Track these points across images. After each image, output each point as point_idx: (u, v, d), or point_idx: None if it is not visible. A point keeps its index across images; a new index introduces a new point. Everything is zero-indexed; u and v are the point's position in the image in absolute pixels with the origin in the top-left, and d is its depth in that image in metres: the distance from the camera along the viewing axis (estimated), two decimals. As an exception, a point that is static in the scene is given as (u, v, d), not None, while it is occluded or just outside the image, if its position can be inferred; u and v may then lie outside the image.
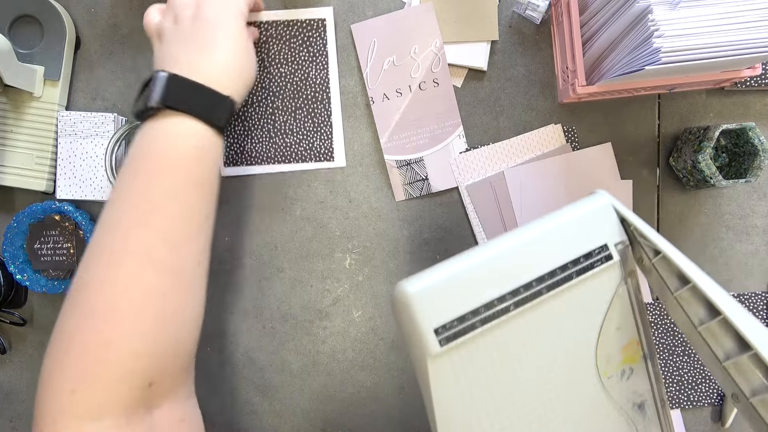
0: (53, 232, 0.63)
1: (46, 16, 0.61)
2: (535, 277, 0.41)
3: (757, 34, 0.45)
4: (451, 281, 0.40)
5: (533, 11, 0.60)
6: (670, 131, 0.63)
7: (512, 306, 0.40)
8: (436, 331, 0.39)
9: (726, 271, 0.63)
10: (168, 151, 0.45)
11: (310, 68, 0.63)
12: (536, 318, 0.42)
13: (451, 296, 0.40)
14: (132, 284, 0.40)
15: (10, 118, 0.62)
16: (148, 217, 0.42)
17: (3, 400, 0.65)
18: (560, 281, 0.41)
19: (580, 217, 0.43)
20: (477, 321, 0.40)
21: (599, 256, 0.42)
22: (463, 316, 0.39)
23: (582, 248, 0.42)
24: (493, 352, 0.41)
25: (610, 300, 0.43)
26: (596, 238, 0.42)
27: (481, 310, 0.40)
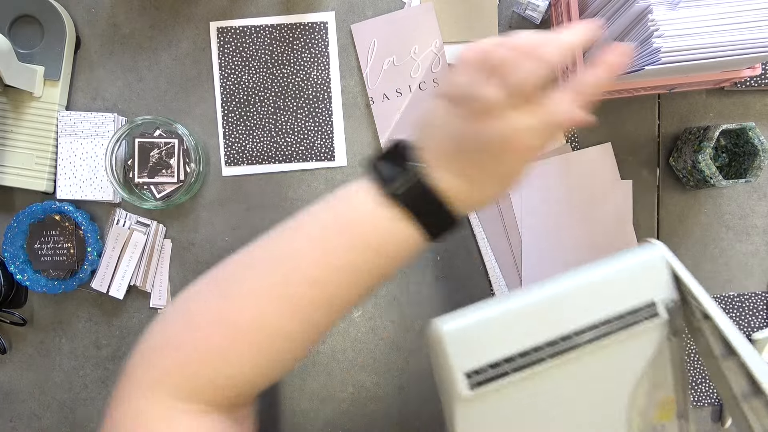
0: (53, 232, 0.63)
1: (46, 16, 0.61)
2: (575, 329, 0.39)
3: (757, 34, 0.45)
4: (489, 324, 0.39)
5: (533, 11, 0.60)
6: (670, 131, 0.63)
7: (548, 357, 0.39)
8: (468, 374, 0.38)
9: (726, 271, 0.63)
10: (364, 228, 0.39)
11: (312, 69, 0.63)
12: (571, 370, 0.40)
13: (486, 340, 0.39)
14: (272, 323, 0.39)
15: (10, 118, 0.62)
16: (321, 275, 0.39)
17: (3, 400, 0.65)
18: (601, 335, 0.39)
19: (631, 268, 0.40)
20: (510, 368, 0.38)
21: (645, 313, 0.40)
22: (496, 362, 0.38)
23: (628, 303, 0.40)
24: (523, 401, 0.40)
25: (651, 357, 0.41)
26: (644, 294, 0.40)
27: (516, 357, 0.38)
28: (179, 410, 0.38)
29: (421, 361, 0.63)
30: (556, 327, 0.39)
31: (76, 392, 0.65)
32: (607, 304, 0.40)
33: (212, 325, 0.39)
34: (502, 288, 0.63)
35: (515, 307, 0.40)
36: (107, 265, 0.63)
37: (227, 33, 0.63)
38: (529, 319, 0.39)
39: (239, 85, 0.63)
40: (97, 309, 0.65)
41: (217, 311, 0.39)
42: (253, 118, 0.63)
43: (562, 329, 0.39)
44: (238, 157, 0.63)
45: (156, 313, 0.64)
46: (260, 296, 0.39)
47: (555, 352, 0.39)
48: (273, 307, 0.39)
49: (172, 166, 0.61)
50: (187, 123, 0.64)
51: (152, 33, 0.64)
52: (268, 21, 0.63)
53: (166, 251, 0.64)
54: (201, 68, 0.64)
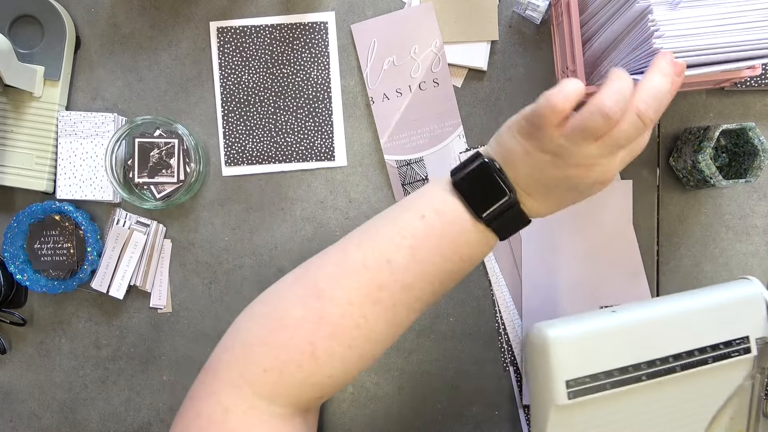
0: (53, 232, 0.63)
1: (46, 16, 0.61)
2: (673, 353, 0.41)
3: (757, 34, 0.45)
4: (593, 337, 0.41)
5: (533, 11, 0.60)
6: (670, 131, 0.63)
7: (645, 376, 0.41)
8: (568, 383, 0.40)
9: (726, 271, 0.63)
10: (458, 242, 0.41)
11: (312, 69, 0.63)
12: (662, 391, 0.42)
13: (589, 352, 0.40)
14: (365, 324, 0.40)
15: (10, 118, 0.62)
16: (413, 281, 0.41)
17: (3, 400, 0.65)
18: (696, 363, 0.41)
19: (730, 302, 0.42)
20: (608, 383, 0.40)
21: (738, 347, 0.42)
22: (596, 374, 0.40)
23: (724, 335, 0.42)
24: (611, 415, 0.41)
25: (734, 390, 0.43)
26: (740, 328, 0.42)
27: (615, 373, 0.40)
28: (261, 411, 0.38)
29: (421, 361, 0.63)
30: (656, 349, 0.41)
31: (76, 392, 0.65)
32: (705, 333, 0.42)
33: (307, 324, 0.39)
34: (502, 287, 0.63)
35: (620, 323, 0.42)
36: (107, 265, 0.63)
37: (227, 33, 0.63)
38: (632, 337, 0.41)
39: (239, 85, 0.63)
40: (97, 309, 0.65)
41: (311, 311, 0.39)
42: (253, 118, 0.63)
43: (661, 352, 0.41)
44: (238, 157, 0.63)
45: (156, 313, 0.64)
46: (358, 299, 0.40)
47: (652, 372, 0.41)
48: (369, 309, 0.40)
49: (172, 166, 0.61)
50: (187, 123, 0.64)
51: (152, 33, 0.64)
52: (268, 21, 0.63)
53: (166, 251, 0.64)
54: (201, 68, 0.64)
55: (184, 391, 0.64)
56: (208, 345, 0.63)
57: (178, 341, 0.64)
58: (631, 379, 0.41)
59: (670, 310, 0.42)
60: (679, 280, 0.63)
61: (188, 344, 0.64)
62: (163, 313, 0.64)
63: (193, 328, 0.64)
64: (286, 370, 0.39)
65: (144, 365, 0.64)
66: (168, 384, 0.64)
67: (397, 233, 0.41)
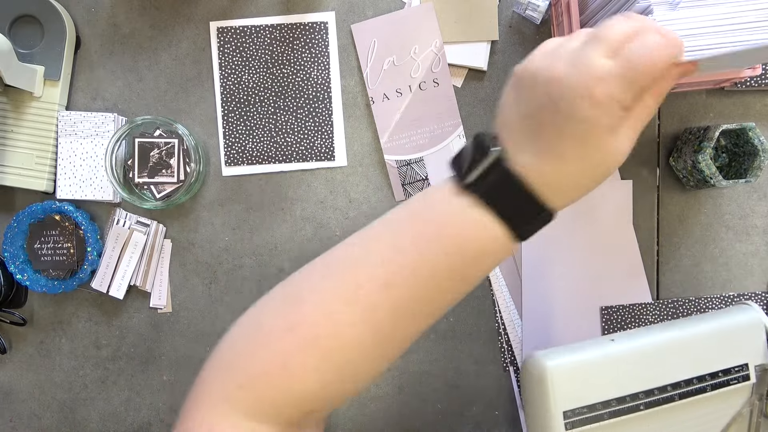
0: (53, 232, 0.63)
1: (46, 16, 0.61)
2: (672, 382, 0.41)
3: (757, 34, 0.45)
4: (591, 367, 0.40)
5: (533, 11, 0.60)
6: (670, 131, 0.63)
7: (643, 406, 0.40)
8: (565, 413, 0.39)
9: (726, 271, 0.63)
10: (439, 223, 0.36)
11: (312, 69, 0.63)
12: (660, 421, 0.41)
13: (587, 382, 0.40)
14: (341, 331, 0.36)
15: (11, 118, 0.62)
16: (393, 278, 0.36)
17: (3, 400, 0.65)
18: (695, 391, 0.41)
19: (729, 329, 0.42)
20: (606, 413, 0.40)
21: (737, 375, 0.42)
22: (594, 404, 0.40)
23: (723, 362, 0.42)
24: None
25: (732, 417, 0.42)
26: (739, 356, 0.42)
27: (613, 403, 0.40)
28: (244, 430, 0.36)
29: (421, 361, 0.63)
30: (654, 378, 0.41)
31: (76, 392, 0.65)
32: (703, 361, 0.41)
33: (282, 333, 0.36)
34: (502, 288, 0.63)
35: (619, 352, 0.41)
36: (107, 265, 0.63)
37: (227, 33, 0.63)
38: (629, 366, 0.41)
39: (239, 85, 0.63)
40: (97, 309, 0.65)
41: (286, 319, 0.37)
42: (253, 118, 0.63)
43: (659, 381, 0.41)
44: (238, 157, 0.63)
45: (156, 313, 0.64)
46: (330, 300, 0.36)
47: (650, 401, 0.40)
48: (343, 312, 0.36)
49: (172, 166, 0.61)
50: (187, 123, 0.64)
51: (152, 33, 0.64)
52: (268, 21, 0.63)
53: (166, 251, 0.64)
54: (201, 68, 0.64)
55: (184, 391, 0.64)
56: (208, 345, 0.63)
57: (178, 341, 0.64)
58: (629, 408, 0.40)
59: (669, 338, 0.42)
60: (679, 280, 0.63)
61: (188, 344, 0.64)
62: (163, 313, 0.64)
63: (193, 328, 0.64)
64: (258, 384, 0.36)
65: (144, 365, 0.64)
66: (168, 384, 0.64)
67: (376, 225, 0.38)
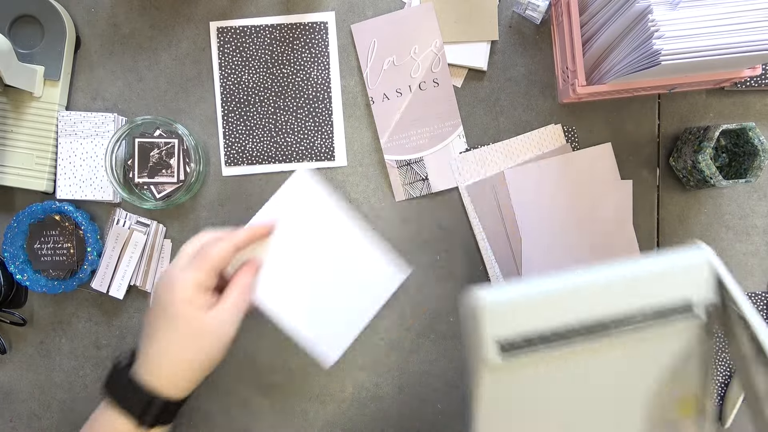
0: (53, 232, 0.63)
1: (46, 16, 0.61)
2: (611, 317, 0.40)
3: (757, 35, 0.45)
4: (527, 300, 0.39)
5: (533, 11, 0.60)
6: (670, 131, 0.63)
7: (581, 339, 0.39)
8: (499, 343, 0.39)
9: (726, 271, 0.63)
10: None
11: (312, 69, 0.63)
12: (602, 355, 0.41)
13: (523, 314, 0.39)
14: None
15: (10, 118, 0.62)
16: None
17: (3, 400, 0.65)
18: (636, 326, 0.40)
19: (675, 266, 0.41)
20: (543, 345, 0.39)
21: (682, 311, 0.40)
22: (530, 336, 0.39)
23: (667, 298, 0.40)
24: (548, 379, 0.40)
25: (681, 354, 0.42)
26: (684, 292, 0.40)
27: (550, 335, 0.39)
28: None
29: (421, 361, 0.63)
30: (593, 311, 0.39)
31: (76, 392, 0.65)
32: (646, 297, 0.40)
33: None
34: (502, 288, 0.63)
35: (556, 287, 0.40)
36: (107, 265, 0.63)
37: (227, 33, 0.63)
38: (567, 300, 0.40)
39: (239, 85, 0.63)
40: (97, 309, 0.65)
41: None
42: (253, 118, 0.63)
43: (598, 315, 0.39)
44: (238, 157, 0.63)
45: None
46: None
47: (589, 335, 0.39)
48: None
49: (172, 166, 0.62)
50: (187, 123, 0.64)
51: (152, 33, 0.64)
52: (268, 21, 0.63)
53: (166, 251, 0.64)
54: (201, 68, 0.64)
55: (184, 391, 0.64)
56: (208, 345, 0.63)
57: (178, 341, 0.64)
58: (567, 342, 0.39)
59: (613, 275, 0.41)
60: (679, 280, 0.63)
61: (188, 344, 0.64)
62: (163, 313, 0.64)
63: (193, 328, 0.64)
64: None
65: (144, 365, 0.64)
66: (168, 384, 0.64)
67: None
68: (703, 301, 0.40)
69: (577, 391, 0.41)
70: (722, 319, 0.41)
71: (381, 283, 0.60)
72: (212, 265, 0.50)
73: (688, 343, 0.41)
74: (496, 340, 0.38)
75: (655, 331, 0.40)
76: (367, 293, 0.60)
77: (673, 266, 0.41)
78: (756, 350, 0.38)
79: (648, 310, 0.40)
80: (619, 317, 0.40)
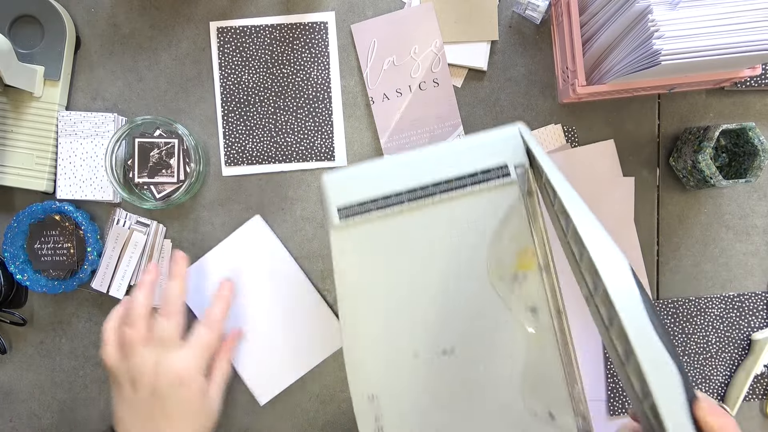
0: (53, 232, 0.63)
1: (46, 16, 0.61)
2: (431, 181, 0.49)
3: (757, 35, 0.45)
4: (360, 175, 0.50)
5: (533, 11, 0.60)
6: (670, 131, 0.63)
7: (407, 200, 0.49)
8: (339, 209, 0.49)
9: (726, 271, 0.63)
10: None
11: (312, 69, 0.63)
12: (431, 215, 0.50)
13: (357, 186, 0.49)
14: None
15: (10, 118, 0.62)
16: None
17: (3, 400, 0.65)
18: (455, 188, 0.49)
19: (488, 138, 0.50)
20: (374, 208, 0.49)
21: (498, 174, 0.49)
22: (363, 202, 0.49)
23: (483, 164, 0.49)
24: (389, 236, 0.50)
25: (505, 212, 0.50)
26: (498, 158, 0.49)
27: (380, 200, 0.49)
28: None
29: (421, 361, 0.63)
30: (415, 179, 0.49)
31: (76, 392, 0.65)
32: (464, 164, 0.49)
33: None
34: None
35: (384, 163, 0.50)
36: (107, 265, 0.63)
37: (227, 33, 0.63)
38: (393, 172, 0.50)
39: (239, 85, 0.63)
40: (97, 309, 0.65)
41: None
42: (253, 118, 0.63)
43: (420, 181, 0.49)
44: (238, 157, 0.63)
45: (156, 313, 0.64)
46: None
47: (413, 198, 0.49)
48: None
49: (172, 166, 0.62)
50: (187, 123, 0.64)
51: (152, 33, 0.64)
52: (268, 21, 0.63)
53: (166, 251, 0.64)
54: (201, 68, 0.64)
55: (184, 391, 0.64)
56: (208, 345, 0.63)
57: (178, 341, 0.64)
58: (394, 203, 0.49)
59: (432, 150, 0.50)
60: (679, 280, 0.63)
61: (188, 344, 0.64)
62: (163, 313, 0.64)
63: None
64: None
65: (144, 365, 0.64)
66: (168, 384, 0.64)
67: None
68: (515, 163, 0.49)
69: (420, 245, 0.50)
70: (537, 180, 0.49)
71: (320, 343, 0.63)
72: (210, 352, 0.55)
73: (510, 201, 0.50)
74: (337, 206, 0.49)
75: (477, 190, 0.49)
76: (307, 347, 0.63)
77: (488, 138, 0.50)
78: (559, 205, 0.45)
79: (466, 174, 0.49)
80: (441, 182, 0.49)
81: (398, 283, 0.50)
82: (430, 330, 0.50)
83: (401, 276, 0.50)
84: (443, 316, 0.50)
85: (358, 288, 0.50)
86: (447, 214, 0.50)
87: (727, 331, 0.63)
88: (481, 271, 0.51)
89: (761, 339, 0.61)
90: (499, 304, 0.51)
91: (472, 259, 0.51)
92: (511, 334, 0.50)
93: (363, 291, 0.50)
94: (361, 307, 0.50)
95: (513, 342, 0.50)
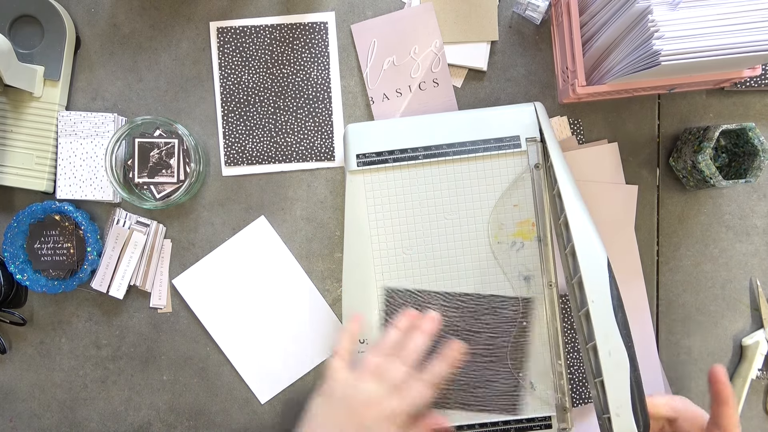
0: (53, 232, 0.63)
1: (46, 16, 0.61)
2: (446, 142, 0.56)
3: (757, 35, 0.45)
4: (382, 128, 0.57)
5: (533, 11, 0.60)
6: (670, 131, 0.63)
7: (421, 156, 0.56)
8: (357, 155, 0.56)
9: (726, 271, 0.63)
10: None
11: (312, 69, 0.63)
12: (442, 172, 0.56)
13: (377, 138, 0.56)
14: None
15: (10, 118, 0.62)
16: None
17: (3, 400, 0.65)
18: (468, 151, 0.56)
19: (506, 111, 0.56)
20: (390, 158, 0.56)
21: (509, 143, 0.55)
22: (381, 152, 0.56)
23: (497, 133, 0.55)
24: (401, 186, 0.56)
25: (513, 180, 0.55)
26: (513, 130, 0.55)
27: (396, 152, 0.56)
28: None
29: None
30: (431, 138, 0.56)
31: (76, 392, 0.65)
32: (479, 131, 0.56)
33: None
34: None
35: (404, 121, 0.57)
36: (107, 265, 0.63)
37: (227, 33, 0.63)
38: (413, 130, 0.56)
39: (239, 85, 0.63)
40: (97, 309, 0.65)
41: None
42: (253, 118, 0.63)
43: (436, 140, 0.56)
44: (238, 157, 0.63)
45: (156, 313, 0.64)
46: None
47: (427, 154, 0.56)
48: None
49: (172, 166, 0.62)
50: (187, 123, 0.64)
51: (152, 33, 0.64)
52: (268, 21, 0.63)
53: (166, 251, 0.64)
54: (201, 68, 0.64)
55: (184, 390, 0.64)
56: (208, 345, 0.63)
57: (178, 341, 0.64)
58: (409, 157, 0.55)
59: (453, 115, 0.57)
60: (679, 280, 0.63)
61: (188, 344, 0.64)
62: (163, 313, 0.64)
63: (193, 328, 0.64)
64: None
65: (144, 365, 0.64)
66: (168, 384, 0.64)
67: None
68: (527, 136, 0.55)
69: (429, 198, 0.56)
70: (545, 160, 0.54)
71: (320, 343, 0.63)
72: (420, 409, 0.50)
73: (518, 170, 0.55)
74: (356, 153, 0.56)
75: (490, 158, 0.55)
76: (307, 348, 0.63)
77: (508, 111, 0.56)
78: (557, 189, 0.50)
79: (481, 140, 0.56)
80: (453, 143, 0.56)
81: (405, 221, 0.56)
82: (426, 273, 0.56)
83: (408, 215, 0.56)
84: (439, 266, 0.56)
85: (362, 224, 0.57)
86: (457, 174, 0.56)
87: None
88: (481, 231, 0.56)
89: (752, 344, 0.61)
90: (496, 268, 0.56)
91: (475, 218, 0.56)
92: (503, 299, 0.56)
93: (366, 227, 0.57)
94: (363, 241, 0.57)
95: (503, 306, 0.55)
